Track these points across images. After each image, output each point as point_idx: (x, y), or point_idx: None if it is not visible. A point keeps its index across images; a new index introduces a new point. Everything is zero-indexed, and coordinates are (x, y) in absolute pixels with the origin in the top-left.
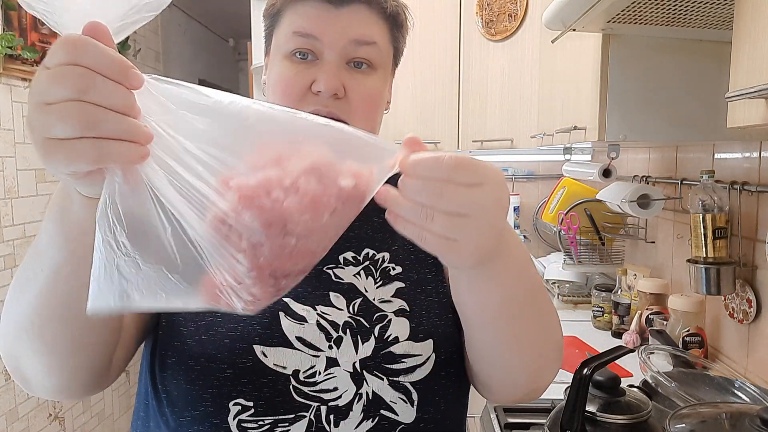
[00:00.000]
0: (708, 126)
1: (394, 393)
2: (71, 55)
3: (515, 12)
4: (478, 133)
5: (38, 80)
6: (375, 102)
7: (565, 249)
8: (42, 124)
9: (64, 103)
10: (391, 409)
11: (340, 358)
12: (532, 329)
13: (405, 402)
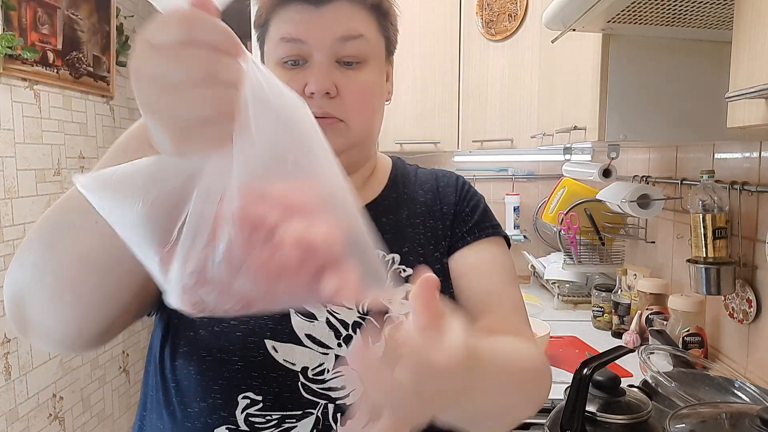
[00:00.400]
0: (708, 126)
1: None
2: (189, 32)
3: (515, 12)
4: (478, 133)
5: (152, 59)
6: (370, 96)
7: (565, 249)
8: (171, 109)
9: (192, 86)
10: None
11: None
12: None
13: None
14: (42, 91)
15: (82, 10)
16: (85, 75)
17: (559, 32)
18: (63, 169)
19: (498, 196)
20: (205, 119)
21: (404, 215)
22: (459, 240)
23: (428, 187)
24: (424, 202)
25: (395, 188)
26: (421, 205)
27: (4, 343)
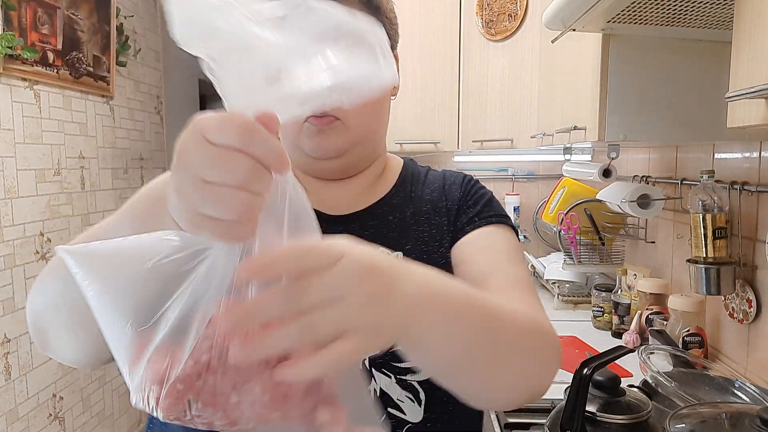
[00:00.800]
0: (708, 126)
1: (402, 391)
2: (243, 140)
3: (515, 12)
4: (478, 133)
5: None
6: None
7: (565, 249)
8: (196, 200)
9: (225, 188)
10: (398, 407)
11: None
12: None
13: (412, 401)
14: (42, 91)
15: (82, 10)
16: (85, 75)
17: (559, 32)
18: (63, 169)
19: (498, 196)
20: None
21: (409, 213)
22: (460, 231)
23: (435, 186)
24: (429, 200)
25: (403, 188)
26: (426, 204)
27: (4, 343)
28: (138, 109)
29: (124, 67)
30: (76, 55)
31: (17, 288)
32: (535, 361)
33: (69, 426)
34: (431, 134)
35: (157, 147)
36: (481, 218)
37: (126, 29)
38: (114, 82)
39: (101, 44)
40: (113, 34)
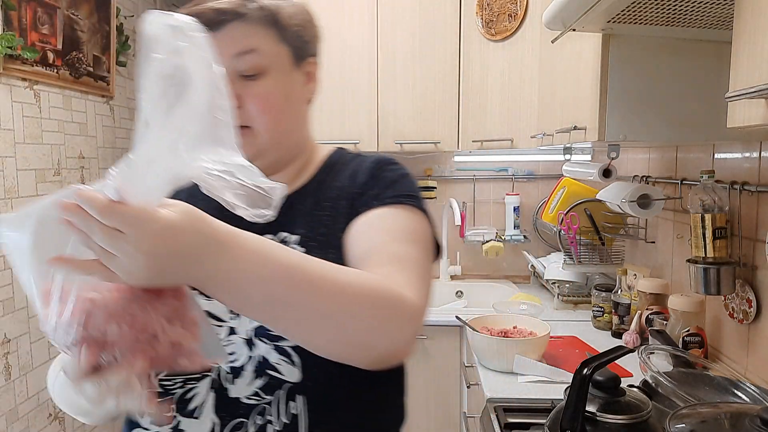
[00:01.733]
0: (708, 126)
1: (278, 356)
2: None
3: (515, 12)
4: (478, 133)
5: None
6: (273, 102)
7: (565, 249)
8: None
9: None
10: (276, 369)
11: (238, 328)
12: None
13: (288, 363)
14: (42, 91)
15: (82, 10)
16: (85, 75)
17: (559, 32)
18: (63, 169)
19: (498, 196)
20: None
21: (315, 201)
22: (355, 214)
23: (350, 173)
24: (340, 187)
25: (319, 177)
26: (335, 190)
27: (4, 343)
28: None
29: (124, 67)
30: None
31: (17, 288)
32: (360, 322)
33: (69, 426)
34: (431, 134)
35: None
36: (377, 200)
37: (126, 29)
38: (114, 82)
39: (101, 44)
40: (113, 34)
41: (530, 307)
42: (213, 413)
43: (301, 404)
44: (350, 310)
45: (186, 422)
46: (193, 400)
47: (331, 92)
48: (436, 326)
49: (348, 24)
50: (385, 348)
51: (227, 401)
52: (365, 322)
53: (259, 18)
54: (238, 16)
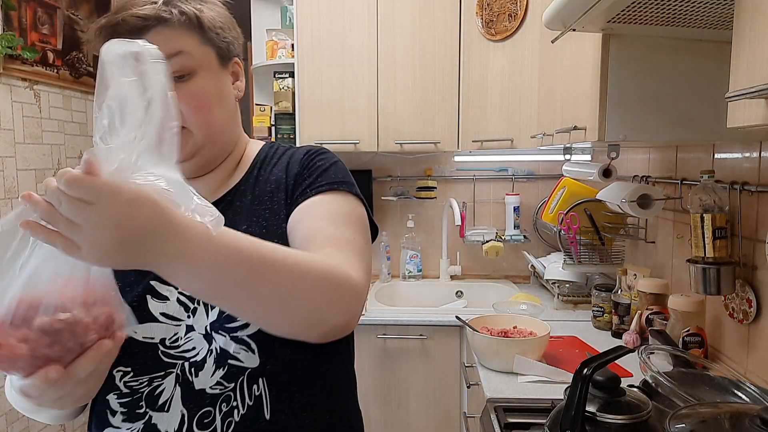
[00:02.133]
0: (708, 126)
1: (236, 345)
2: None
3: (515, 12)
4: (478, 133)
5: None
6: (204, 101)
7: (565, 249)
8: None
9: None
10: (236, 358)
11: (195, 324)
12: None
13: (246, 351)
14: (42, 91)
15: (82, 10)
16: (85, 75)
17: (559, 32)
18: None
19: (498, 196)
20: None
21: (252, 196)
22: (294, 203)
23: (283, 165)
24: (275, 180)
25: (252, 173)
26: (271, 183)
27: None
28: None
29: None
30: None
31: None
32: (317, 296)
33: (69, 426)
34: (431, 134)
35: None
36: (312, 188)
37: None
38: None
39: None
40: None
41: (530, 307)
42: (181, 405)
43: (263, 386)
44: (302, 289)
45: (157, 416)
46: (162, 395)
47: (331, 92)
48: (436, 326)
49: (348, 24)
50: (335, 322)
51: (193, 393)
52: (316, 299)
53: (181, 22)
54: (161, 21)
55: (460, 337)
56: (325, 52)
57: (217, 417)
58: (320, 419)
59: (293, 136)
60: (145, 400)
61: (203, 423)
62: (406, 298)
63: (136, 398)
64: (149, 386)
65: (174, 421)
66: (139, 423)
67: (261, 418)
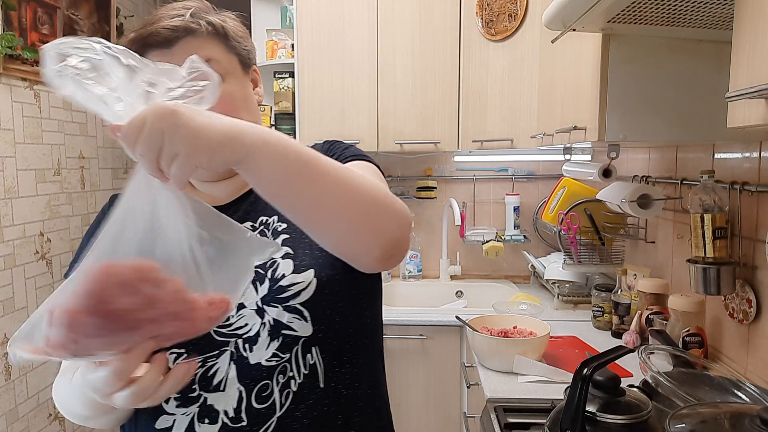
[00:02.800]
0: (708, 126)
1: (289, 315)
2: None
3: (515, 12)
4: (478, 133)
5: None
6: (234, 107)
7: (565, 249)
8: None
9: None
10: (290, 327)
11: (246, 301)
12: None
13: (300, 320)
14: (42, 91)
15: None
16: None
17: (559, 32)
18: (63, 169)
19: (498, 196)
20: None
21: None
22: None
23: None
24: None
25: None
26: None
27: (4, 343)
28: None
29: None
30: None
31: (17, 288)
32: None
33: (69, 426)
34: (431, 134)
35: None
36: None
37: (126, 29)
38: None
39: None
40: (113, 34)
41: (530, 307)
42: (237, 383)
43: (317, 354)
44: (367, 197)
45: (213, 397)
46: (216, 375)
47: (331, 92)
48: (436, 326)
49: (348, 24)
50: (393, 233)
51: (249, 368)
52: (379, 208)
53: (209, 32)
54: (189, 32)
55: (460, 337)
56: (325, 52)
57: (275, 389)
58: (366, 391)
59: (293, 136)
60: (198, 383)
61: (262, 397)
62: (406, 298)
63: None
64: (202, 367)
65: (232, 399)
66: (194, 407)
67: (316, 386)
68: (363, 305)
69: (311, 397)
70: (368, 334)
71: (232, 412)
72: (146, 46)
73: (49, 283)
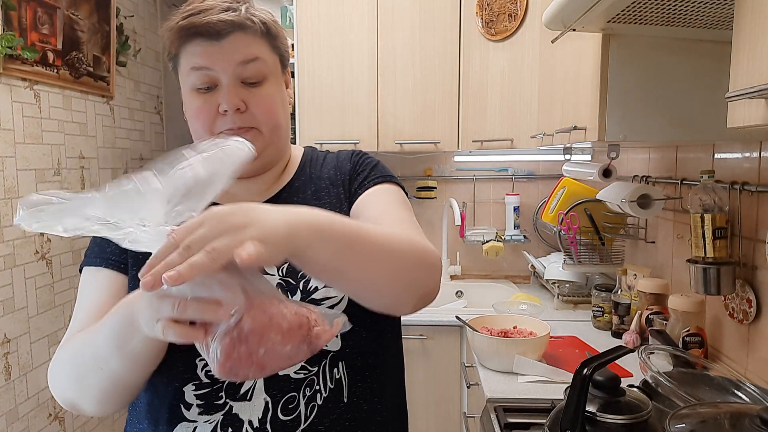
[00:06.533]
0: (708, 126)
1: None
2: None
3: (515, 12)
4: (478, 133)
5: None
6: (274, 107)
7: (565, 249)
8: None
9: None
10: None
11: None
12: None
13: None
14: (42, 91)
15: (82, 10)
16: (85, 75)
17: (559, 32)
18: (63, 169)
19: (498, 196)
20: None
21: (311, 191)
22: (354, 195)
23: (331, 165)
24: (327, 177)
25: (304, 172)
26: (324, 180)
27: (4, 343)
28: (138, 109)
29: (124, 67)
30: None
31: (17, 288)
32: (416, 267)
33: (69, 426)
34: (431, 134)
35: (157, 147)
36: (368, 180)
37: (126, 29)
38: (114, 82)
39: (101, 44)
40: (113, 34)
41: (530, 307)
42: (264, 393)
43: (342, 370)
44: (406, 260)
45: (239, 406)
46: (244, 384)
47: (331, 92)
48: (436, 326)
49: (348, 24)
50: (428, 286)
51: (277, 379)
52: (418, 270)
53: (258, 30)
54: (241, 28)
55: (460, 337)
56: (325, 52)
57: (301, 402)
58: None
59: (293, 136)
60: (225, 390)
61: (288, 409)
62: None
63: (216, 388)
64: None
65: (257, 409)
66: (218, 414)
67: (340, 401)
68: (388, 324)
69: (335, 412)
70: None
71: (257, 423)
72: (195, 35)
73: (49, 283)
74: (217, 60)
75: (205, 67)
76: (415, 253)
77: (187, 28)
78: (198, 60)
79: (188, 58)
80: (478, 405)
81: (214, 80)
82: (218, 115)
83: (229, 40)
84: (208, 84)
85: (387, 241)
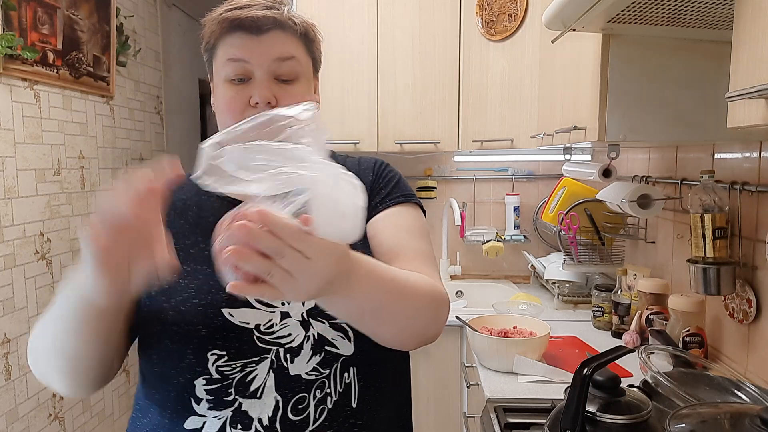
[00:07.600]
0: (708, 126)
1: (334, 332)
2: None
3: (515, 12)
4: (478, 133)
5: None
6: None
7: (565, 249)
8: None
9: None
10: (333, 345)
11: (291, 311)
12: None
13: (343, 338)
14: (42, 91)
15: (82, 10)
16: (85, 75)
17: (559, 32)
18: (63, 169)
19: (498, 196)
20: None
21: None
22: (374, 209)
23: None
24: None
25: None
26: None
27: (4, 343)
28: (138, 109)
29: (124, 67)
30: (76, 55)
31: (17, 288)
32: (427, 313)
33: (69, 426)
34: (431, 134)
35: (157, 147)
36: (390, 199)
37: (126, 29)
38: (114, 82)
39: (101, 44)
40: (113, 34)
41: (530, 307)
42: (275, 392)
43: (353, 374)
44: (421, 309)
45: (248, 403)
46: (254, 382)
47: (331, 92)
48: None
49: (348, 24)
50: (433, 333)
51: (288, 379)
52: (429, 316)
53: (296, 30)
54: (281, 26)
55: (460, 337)
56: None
57: (311, 403)
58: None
59: None
60: (235, 387)
61: (298, 409)
62: None
63: (226, 384)
64: (241, 372)
65: (267, 407)
66: (227, 411)
67: (348, 405)
68: None
69: (342, 416)
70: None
71: (267, 421)
72: (236, 28)
73: (49, 283)
74: (254, 53)
75: (242, 59)
76: (433, 305)
77: (230, 20)
78: (236, 52)
79: (226, 49)
80: (478, 405)
81: (249, 73)
82: (248, 107)
83: (269, 36)
84: (242, 76)
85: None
